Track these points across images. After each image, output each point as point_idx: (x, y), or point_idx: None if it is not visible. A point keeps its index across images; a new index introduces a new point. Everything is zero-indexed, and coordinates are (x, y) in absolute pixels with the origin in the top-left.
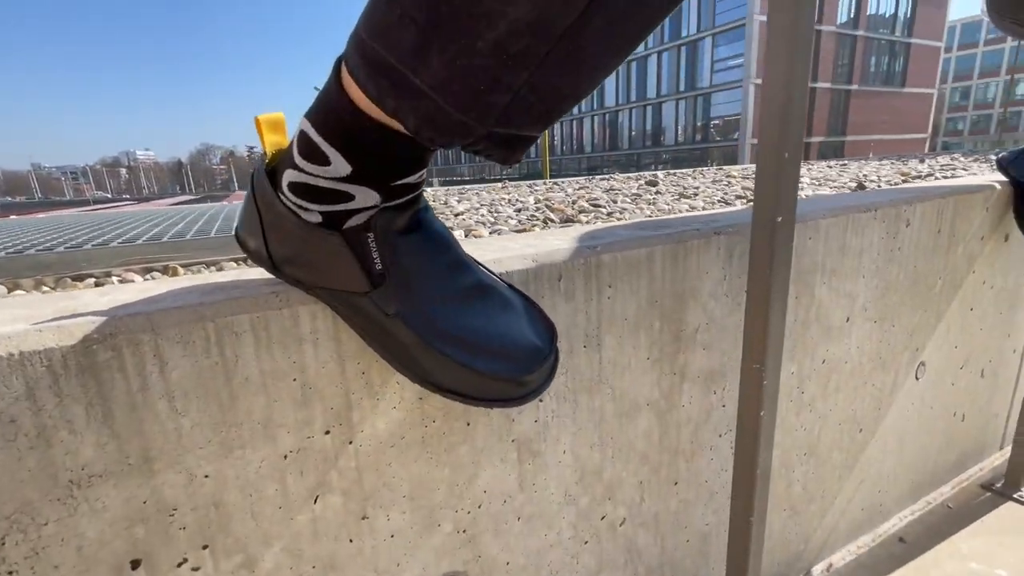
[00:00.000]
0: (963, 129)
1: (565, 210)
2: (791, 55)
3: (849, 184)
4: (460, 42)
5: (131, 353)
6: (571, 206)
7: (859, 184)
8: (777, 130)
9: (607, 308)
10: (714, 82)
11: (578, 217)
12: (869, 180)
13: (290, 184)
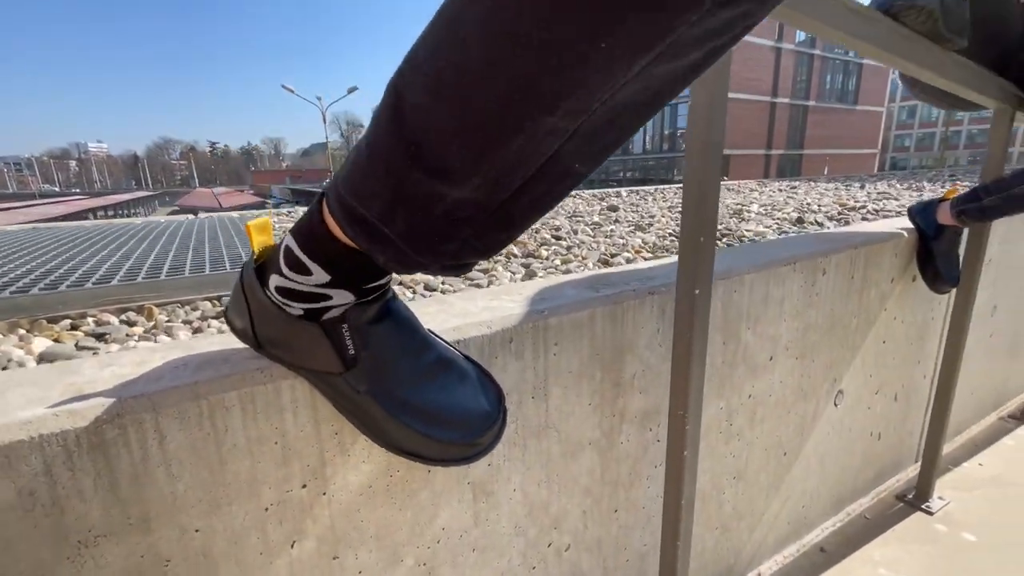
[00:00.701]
0: (909, 145)
1: (527, 243)
2: (706, 162)
3: (791, 215)
4: (419, 211)
5: (135, 430)
6: (533, 237)
7: (799, 217)
8: (694, 219)
9: (553, 363)
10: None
11: (539, 251)
12: (810, 210)
13: (276, 287)
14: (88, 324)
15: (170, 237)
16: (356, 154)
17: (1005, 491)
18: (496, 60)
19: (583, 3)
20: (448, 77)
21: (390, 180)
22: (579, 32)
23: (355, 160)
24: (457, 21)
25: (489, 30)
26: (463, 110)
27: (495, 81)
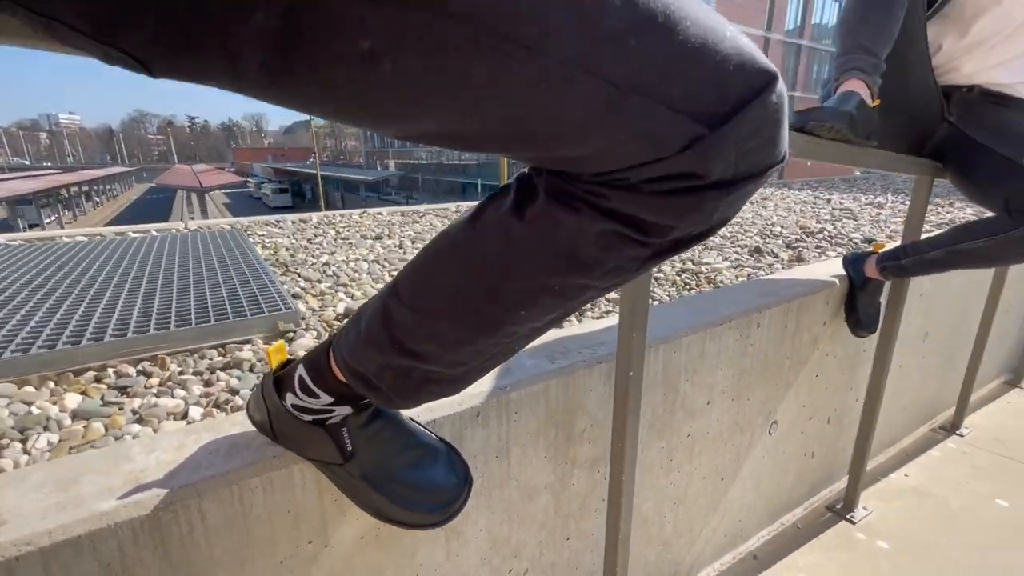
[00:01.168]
0: None
1: None
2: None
3: (752, 240)
4: (401, 376)
5: (183, 512)
6: None
7: (758, 247)
8: (628, 321)
9: (514, 427)
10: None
11: None
12: (772, 234)
13: (292, 404)
14: (109, 376)
15: (168, 263)
16: (356, 332)
17: (922, 500)
18: (460, 309)
19: (512, 293)
20: (424, 310)
21: (381, 357)
22: (516, 297)
23: (355, 337)
24: (433, 273)
25: (455, 286)
26: (434, 332)
27: (458, 319)
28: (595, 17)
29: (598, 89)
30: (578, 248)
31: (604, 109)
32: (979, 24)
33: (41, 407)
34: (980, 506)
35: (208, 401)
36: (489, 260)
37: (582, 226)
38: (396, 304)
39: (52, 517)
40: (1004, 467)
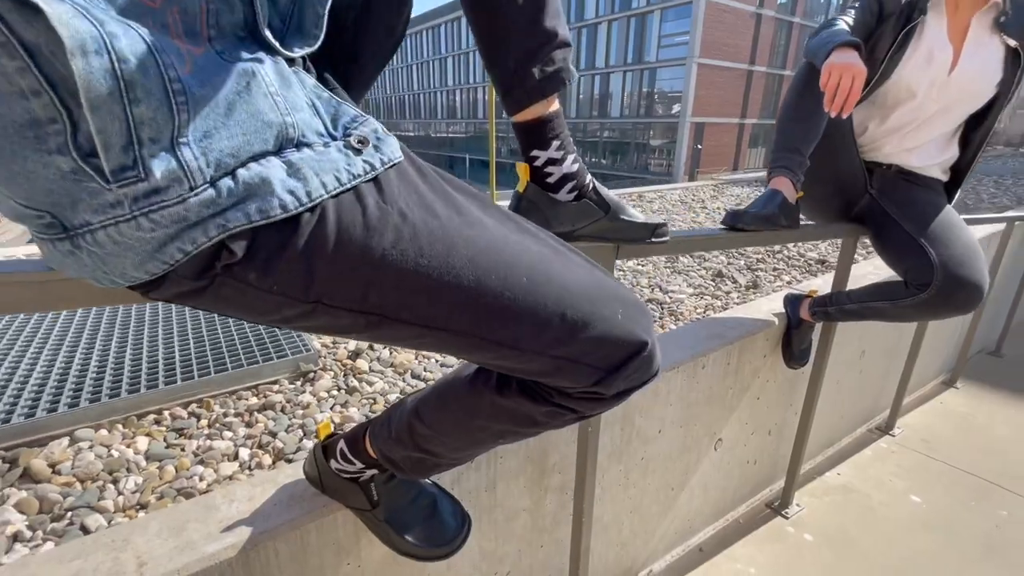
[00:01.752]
0: None
1: None
2: None
3: (717, 263)
4: (419, 463)
5: (263, 550)
6: None
7: (720, 271)
8: None
9: (500, 468)
10: (660, 57)
11: None
12: (737, 253)
13: (335, 468)
14: (166, 419)
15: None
16: (387, 432)
17: (847, 497)
18: (460, 433)
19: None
20: (438, 430)
21: (404, 452)
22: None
23: (387, 435)
24: (445, 410)
25: (458, 421)
26: (443, 442)
27: (459, 438)
28: (544, 326)
29: (549, 361)
30: (533, 416)
31: (553, 368)
32: (897, 113)
33: (118, 450)
34: (896, 501)
35: (252, 442)
36: (481, 412)
37: (538, 407)
38: (419, 424)
39: (176, 559)
40: (924, 465)
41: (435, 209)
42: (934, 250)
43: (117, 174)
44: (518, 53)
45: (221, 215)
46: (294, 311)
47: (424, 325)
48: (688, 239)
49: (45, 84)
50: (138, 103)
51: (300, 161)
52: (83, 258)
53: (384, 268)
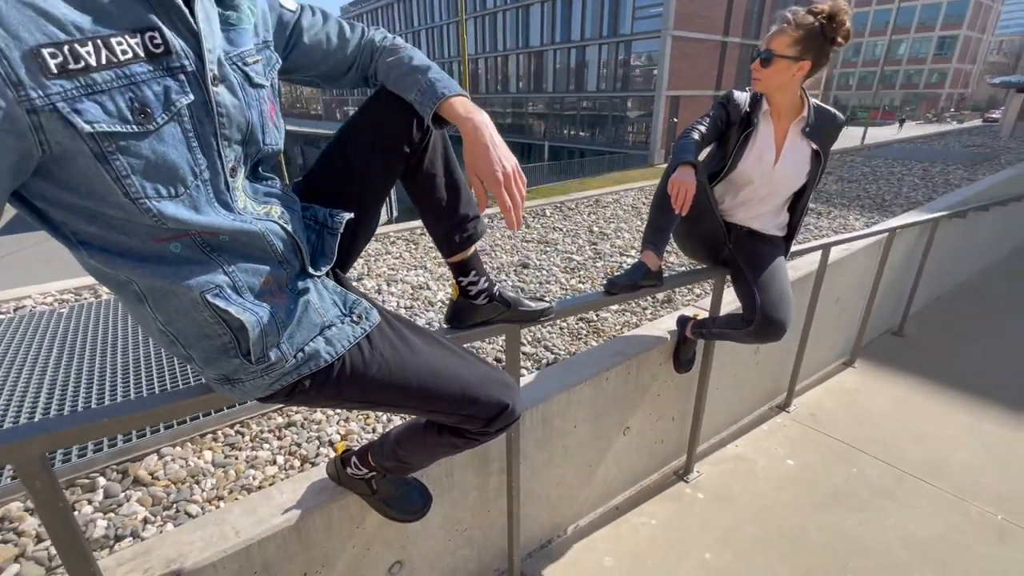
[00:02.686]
0: (852, 84)
1: None
2: None
3: None
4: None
5: (305, 522)
6: None
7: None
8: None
9: (455, 462)
10: (635, 30)
11: None
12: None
13: (349, 472)
14: (220, 437)
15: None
16: (381, 452)
17: (738, 464)
18: (424, 457)
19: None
20: (411, 454)
21: (391, 463)
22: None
23: (382, 455)
24: (414, 443)
25: (422, 450)
26: (414, 461)
27: (424, 458)
28: (453, 401)
29: (457, 418)
30: (456, 443)
31: (460, 420)
32: (743, 192)
33: (193, 461)
34: (775, 465)
35: (284, 451)
36: (430, 442)
37: (456, 439)
38: (398, 448)
39: (256, 528)
40: (806, 435)
41: (397, 348)
42: (760, 295)
43: (257, 361)
44: (446, 227)
45: (297, 370)
46: (332, 404)
47: (394, 405)
48: (573, 307)
49: (234, 339)
50: (267, 335)
51: (331, 335)
52: (235, 390)
53: (373, 383)
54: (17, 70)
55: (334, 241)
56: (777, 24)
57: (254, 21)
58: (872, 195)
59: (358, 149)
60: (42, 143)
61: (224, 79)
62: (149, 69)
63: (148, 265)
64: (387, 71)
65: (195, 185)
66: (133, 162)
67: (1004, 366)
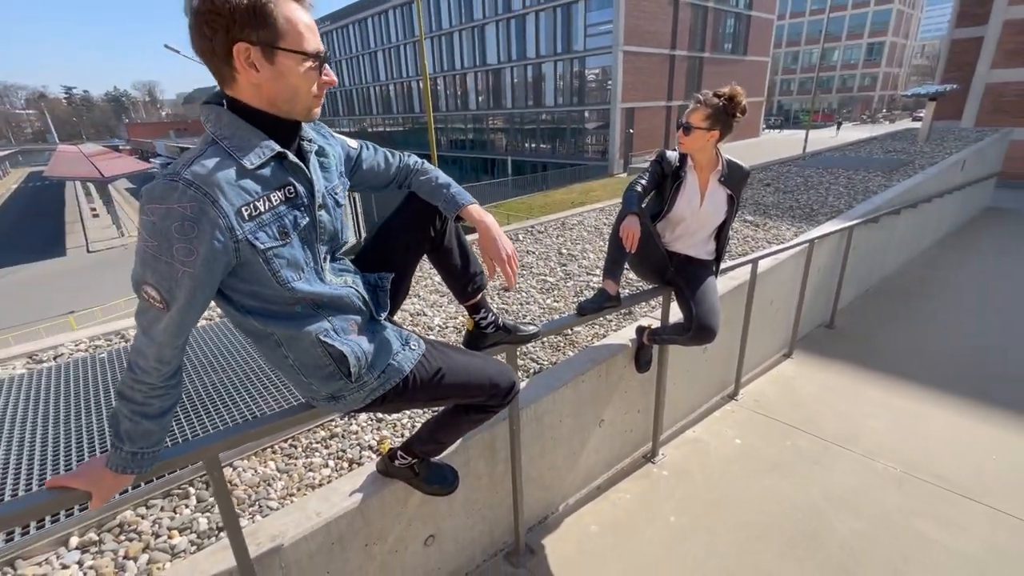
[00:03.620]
0: (793, 89)
1: None
2: None
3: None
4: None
5: (365, 504)
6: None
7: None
8: (513, 402)
9: (470, 454)
10: (588, 46)
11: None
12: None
13: (397, 463)
14: (277, 450)
15: (224, 359)
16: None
17: (695, 446)
18: (454, 434)
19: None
20: (445, 434)
21: (431, 447)
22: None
23: (422, 443)
24: (447, 426)
25: (453, 429)
26: (447, 439)
27: (454, 436)
28: (482, 387)
29: (485, 398)
30: (481, 417)
31: (486, 399)
32: (678, 228)
33: (261, 470)
34: (724, 445)
35: (332, 457)
36: (460, 420)
37: (481, 414)
38: (439, 433)
39: (331, 510)
40: (751, 419)
41: (444, 359)
42: (695, 308)
43: (355, 381)
44: (462, 283)
45: (382, 386)
46: (406, 407)
47: (448, 397)
48: (554, 328)
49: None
50: (360, 361)
51: (399, 360)
52: (338, 404)
53: (434, 385)
54: (232, 222)
55: (385, 296)
56: (692, 103)
57: (336, 161)
58: (803, 205)
59: (399, 235)
60: (237, 257)
61: (324, 205)
62: (286, 207)
63: (284, 321)
64: (420, 186)
65: (309, 270)
66: (281, 261)
67: (916, 347)
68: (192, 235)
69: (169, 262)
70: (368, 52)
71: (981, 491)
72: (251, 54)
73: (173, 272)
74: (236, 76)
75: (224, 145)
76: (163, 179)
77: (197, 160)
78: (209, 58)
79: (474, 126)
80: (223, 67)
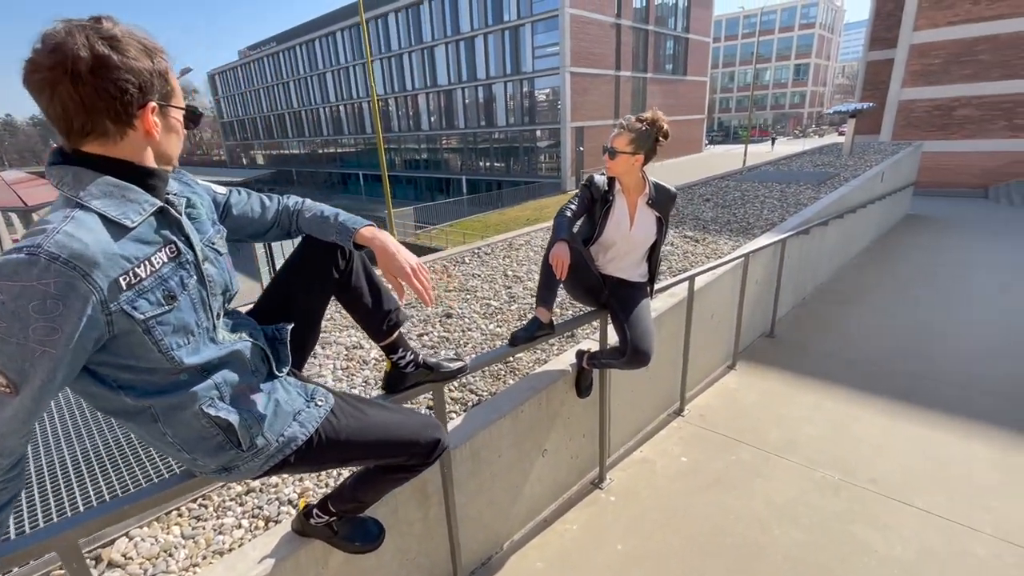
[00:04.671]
0: (731, 107)
1: None
2: None
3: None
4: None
5: (280, 567)
6: None
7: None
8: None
9: (399, 498)
10: (536, 68)
11: None
12: (566, 305)
13: (313, 521)
14: (185, 512)
15: None
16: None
17: (642, 466)
18: (374, 494)
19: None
20: (366, 494)
21: (351, 506)
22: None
23: (342, 501)
24: (368, 486)
25: (373, 488)
26: (368, 499)
27: (375, 496)
28: (400, 447)
29: (404, 457)
30: (402, 477)
31: (406, 459)
32: (609, 252)
33: (163, 537)
34: (671, 463)
35: (248, 515)
36: (379, 481)
37: (402, 474)
38: (358, 493)
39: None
40: (697, 434)
41: (356, 416)
42: (629, 331)
43: (248, 449)
44: (376, 322)
45: (281, 451)
46: (315, 469)
47: (362, 459)
48: (485, 361)
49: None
50: (251, 428)
51: (302, 419)
52: (232, 475)
53: (345, 445)
54: (105, 294)
55: (286, 349)
56: (616, 128)
57: (206, 210)
58: (740, 219)
59: (298, 280)
60: (111, 330)
61: (207, 258)
62: (171, 268)
63: (165, 393)
64: (307, 224)
65: (198, 333)
66: (165, 329)
67: (846, 351)
68: (55, 313)
69: (21, 343)
70: (317, 73)
71: (912, 493)
72: (155, 111)
73: (26, 353)
74: (127, 133)
75: (95, 207)
76: (18, 252)
77: (61, 228)
78: (88, 115)
79: (428, 146)
80: (105, 123)
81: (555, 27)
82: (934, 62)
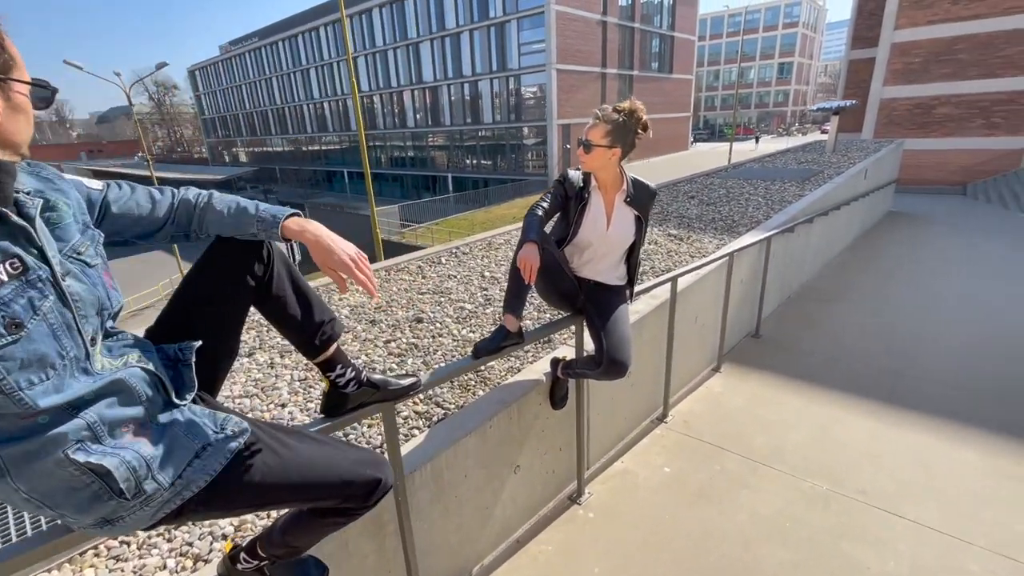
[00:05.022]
0: (717, 105)
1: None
2: None
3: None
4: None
5: None
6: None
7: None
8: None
9: (349, 533)
10: (522, 64)
11: None
12: (542, 310)
13: (240, 567)
14: (103, 551)
15: None
16: (270, 541)
17: (624, 479)
18: (307, 540)
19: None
20: (297, 539)
21: (281, 550)
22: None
23: (271, 544)
24: (299, 530)
25: (306, 534)
26: (300, 544)
27: (308, 541)
28: (333, 487)
29: (339, 500)
30: (340, 520)
31: (341, 501)
32: (585, 253)
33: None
34: (654, 474)
35: (175, 552)
36: (314, 524)
37: (339, 517)
38: (286, 535)
39: None
40: (680, 442)
41: (276, 451)
42: (605, 339)
43: (134, 497)
44: (306, 336)
45: (179, 495)
46: (224, 515)
47: (282, 502)
48: (443, 376)
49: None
50: (136, 471)
51: (207, 455)
52: (116, 528)
53: (260, 488)
54: None
55: (190, 371)
56: (592, 119)
57: (72, 212)
58: (724, 217)
59: (205, 291)
60: None
61: (68, 272)
62: (13, 287)
63: (14, 441)
64: (216, 221)
65: (62, 365)
66: (9, 365)
67: (831, 351)
68: None
69: None
70: (300, 69)
71: (902, 503)
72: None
73: None
74: None
75: None
76: None
77: None
78: None
79: (413, 143)
80: None
81: (541, 24)
82: (914, 61)
